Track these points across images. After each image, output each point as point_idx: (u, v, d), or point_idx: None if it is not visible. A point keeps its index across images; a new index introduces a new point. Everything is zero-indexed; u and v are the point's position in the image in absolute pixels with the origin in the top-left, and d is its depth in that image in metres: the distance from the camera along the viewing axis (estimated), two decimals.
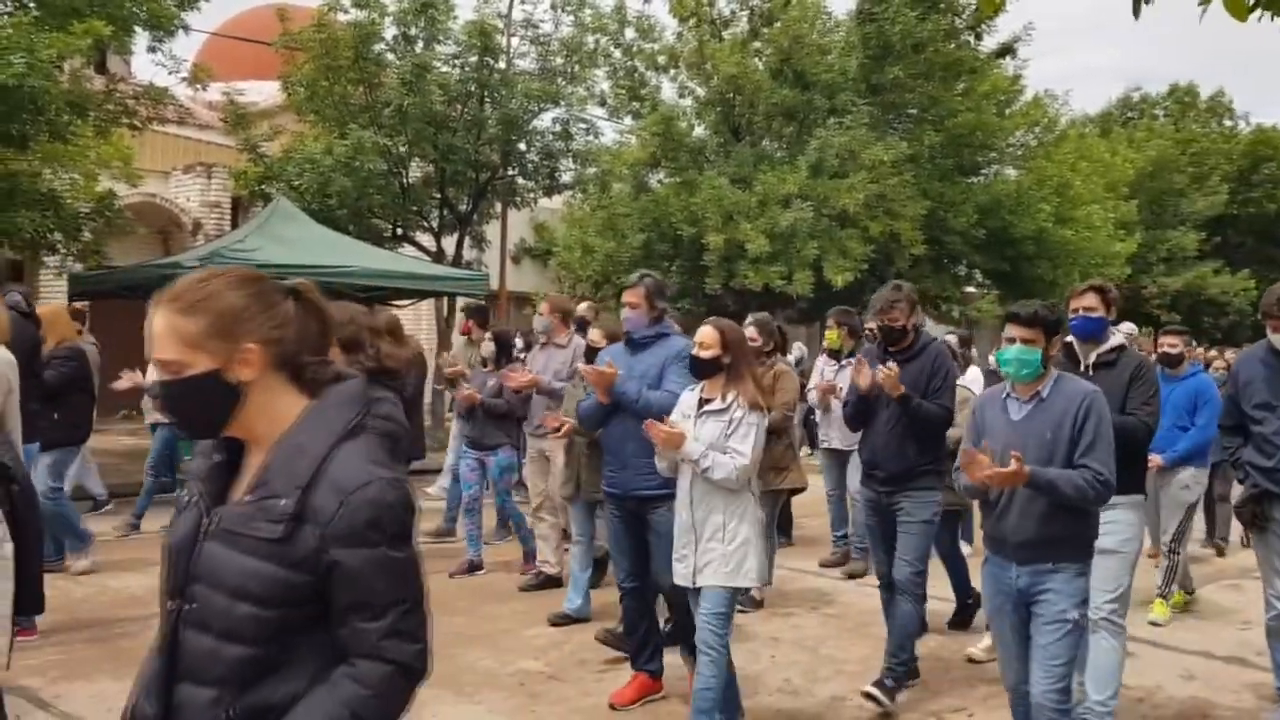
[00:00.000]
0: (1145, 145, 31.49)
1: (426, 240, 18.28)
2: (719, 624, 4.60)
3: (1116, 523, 4.76)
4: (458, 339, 12.47)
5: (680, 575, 4.76)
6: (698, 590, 4.68)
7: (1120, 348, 5.07)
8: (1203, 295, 31.32)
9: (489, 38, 17.40)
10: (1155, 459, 6.91)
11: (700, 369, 4.80)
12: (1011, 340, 4.08)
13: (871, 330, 7.31)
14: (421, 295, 16.09)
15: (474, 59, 17.41)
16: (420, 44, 17.32)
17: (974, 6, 19.88)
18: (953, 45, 20.00)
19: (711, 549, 4.60)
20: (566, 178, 19.98)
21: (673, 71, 20.98)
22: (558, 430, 6.60)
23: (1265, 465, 5.05)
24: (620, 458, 5.31)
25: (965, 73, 20.41)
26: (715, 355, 4.74)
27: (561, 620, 6.84)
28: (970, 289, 23.50)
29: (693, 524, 4.66)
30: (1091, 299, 5.10)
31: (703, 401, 4.78)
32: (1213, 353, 16.03)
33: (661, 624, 5.64)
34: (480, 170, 17.98)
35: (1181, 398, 7.35)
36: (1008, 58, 21.69)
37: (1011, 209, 20.92)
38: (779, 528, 9.56)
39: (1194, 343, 10.79)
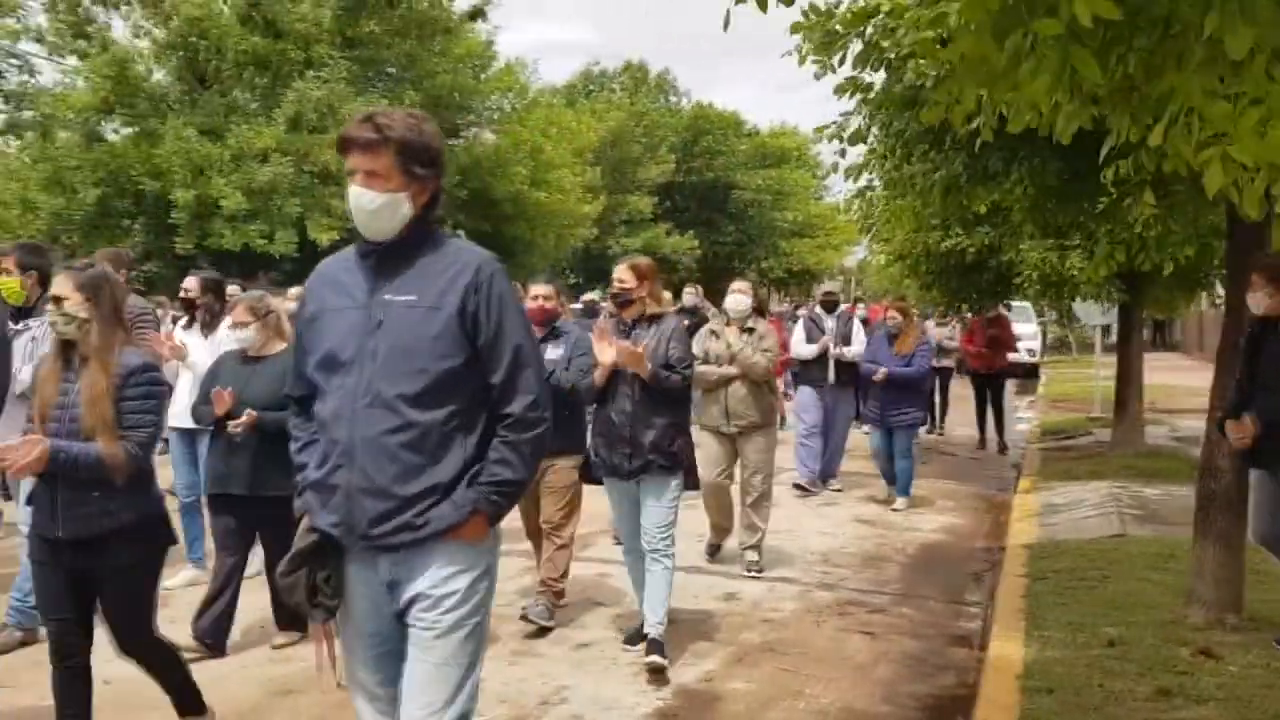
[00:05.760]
0: (605, 116, 34.14)
1: None
2: None
3: None
4: None
5: None
6: None
7: None
8: (658, 253, 34.82)
9: None
10: None
11: None
12: None
13: None
14: None
15: None
16: None
17: None
18: (425, 3, 20.15)
19: None
20: None
21: (124, 8, 18.94)
22: None
23: None
24: None
25: (440, 33, 20.69)
26: None
27: None
28: None
29: None
30: None
31: None
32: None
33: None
34: None
35: None
36: (479, 20, 22.29)
37: (490, 171, 21.66)
38: None
39: None
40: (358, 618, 2.66)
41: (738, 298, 6.83)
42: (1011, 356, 13.11)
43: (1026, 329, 20.95)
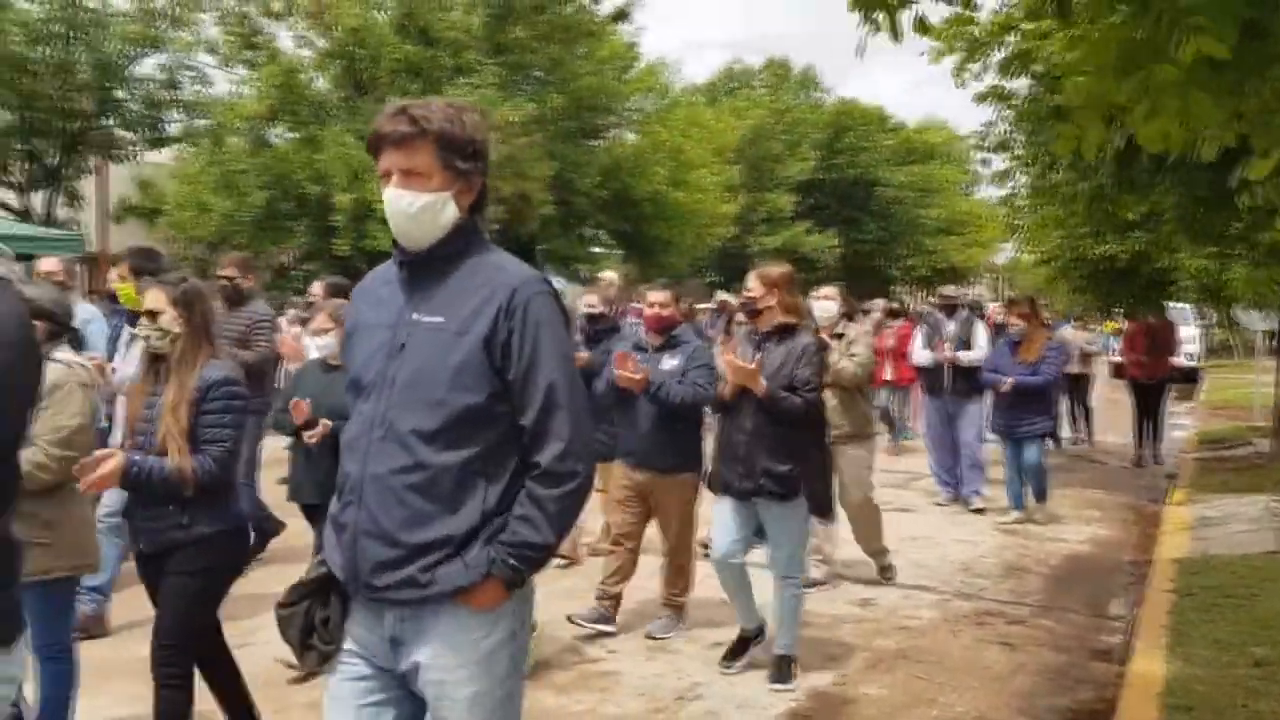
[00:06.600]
0: (746, 114, 34.08)
1: (11, 198, 16.29)
2: None
3: None
4: None
5: None
6: None
7: None
8: (798, 252, 34.60)
9: None
10: None
11: None
12: None
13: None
14: None
15: None
16: None
17: None
18: (570, 9, 20.54)
19: None
20: (174, 129, 18.49)
21: (288, 20, 19.93)
22: None
23: None
24: None
25: (584, 36, 21.06)
26: None
27: None
28: (596, 249, 24.48)
29: None
30: None
31: None
32: None
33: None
34: (70, 119, 16.23)
35: None
36: (622, 22, 22.57)
37: (631, 171, 21.95)
38: None
39: None
40: (351, 660, 2.30)
41: (825, 304, 6.55)
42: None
43: (1185, 332, 20.06)
